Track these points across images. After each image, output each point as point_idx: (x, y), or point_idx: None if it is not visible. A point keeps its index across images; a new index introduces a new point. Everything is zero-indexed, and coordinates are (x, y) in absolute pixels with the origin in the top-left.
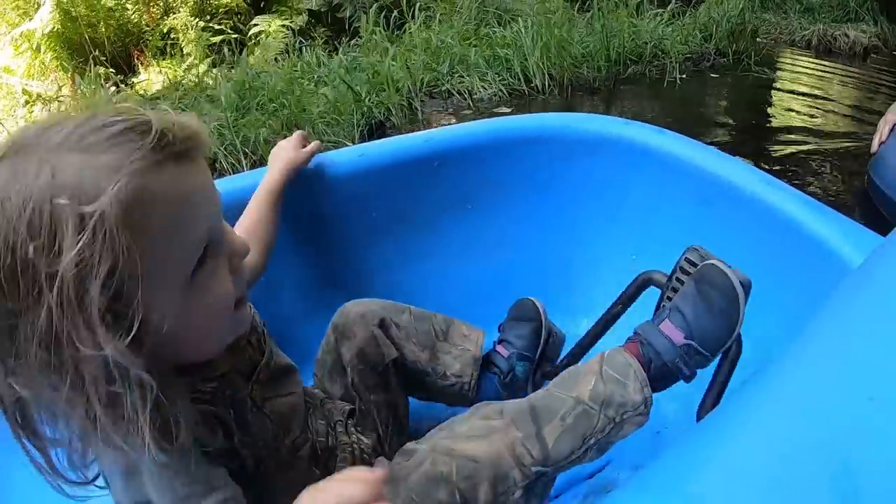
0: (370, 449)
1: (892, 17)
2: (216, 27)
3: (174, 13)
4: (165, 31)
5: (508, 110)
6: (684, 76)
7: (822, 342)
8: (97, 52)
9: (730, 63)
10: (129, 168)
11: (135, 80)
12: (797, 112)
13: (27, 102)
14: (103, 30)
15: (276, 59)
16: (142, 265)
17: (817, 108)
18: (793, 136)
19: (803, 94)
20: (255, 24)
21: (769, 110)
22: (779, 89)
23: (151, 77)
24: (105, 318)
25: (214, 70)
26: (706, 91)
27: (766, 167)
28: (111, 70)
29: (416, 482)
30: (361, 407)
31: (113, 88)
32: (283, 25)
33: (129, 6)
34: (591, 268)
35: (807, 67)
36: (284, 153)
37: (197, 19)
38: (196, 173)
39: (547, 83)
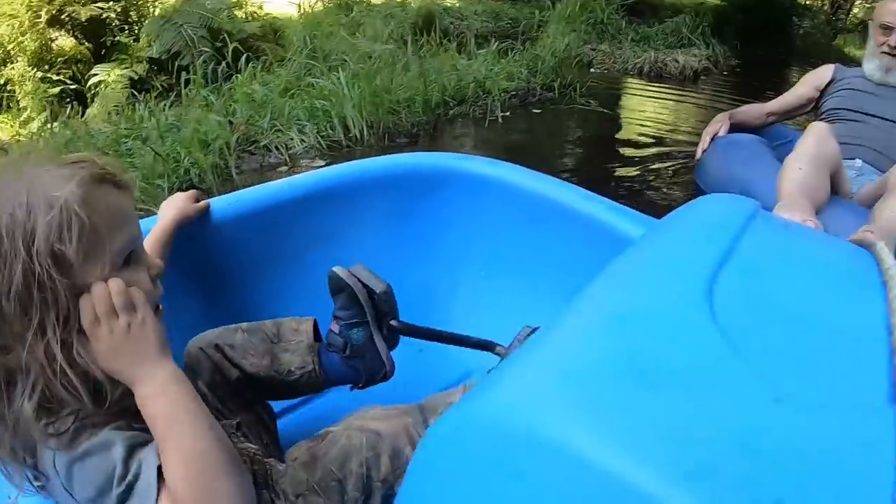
0: (260, 454)
1: (723, 38)
2: (55, 77)
3: (11, 63)
4: (2, 82)
5: (323, 163)
6: (507, 113)
7: (588, 300)
8: None
9: (556, 97)
10: (81, 174)
11: None
12: (626, 135)
13: None
14: None
15: (114, 111)
16: (92, 238)
17: (648, 128)
18: (629, 155)
19: (631, 118)
20: (95, 74)
21: (595, 137)
22: (607, 117)
23: None
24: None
25: (51, 125)
26: (529, 126)
27: (607, 187)
28: None
29: (334, 455)
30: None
31: None
32: (122, 75)
33: None
34: (450, 287)
35: (636, 93)
36: (177, 203)
37: (35, 69)
38: (127, 199)
39: (365, 132)
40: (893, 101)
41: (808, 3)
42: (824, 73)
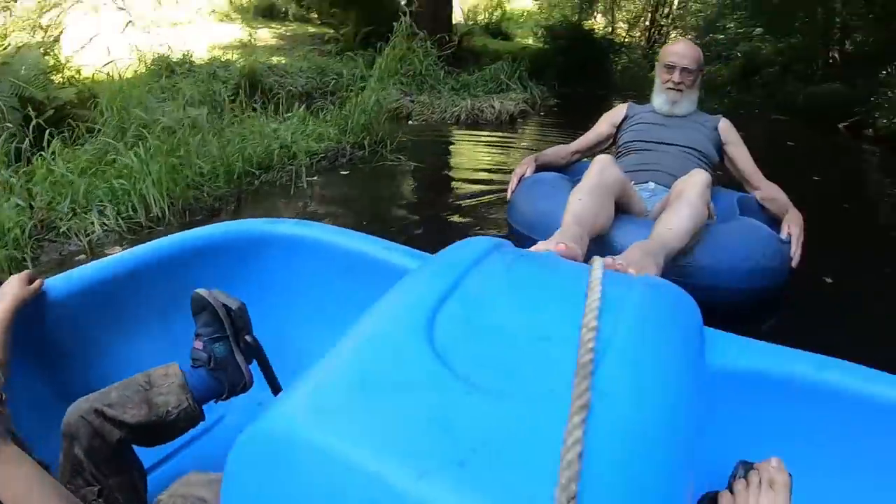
0: None
1: (544, 79)
2: None
3: None
4: None
5: (121, 248)
6: (315, 178)
7: (353, 329)
8: None
9: (366, 155)
10: None
11: None
12: (439, 183)
13: None
14: None
15: None
16: None
17: (463, 174)
18: (441, 202)
19: (448, 166)
20: None
21: (408, 190)
22: (421, 169)
23: None
24: None
25: None
26: (337, 189)
27: (420, 235)
28: None
29: None
30: (105, 491)
31: None
32: None
33: None
34: (279, 343)
35: (454, 141)
36: (12, 290)
37: None
38: None
39: (167, 211)
40: (679, 129)
41: (626, 40)
42: (619, 111)
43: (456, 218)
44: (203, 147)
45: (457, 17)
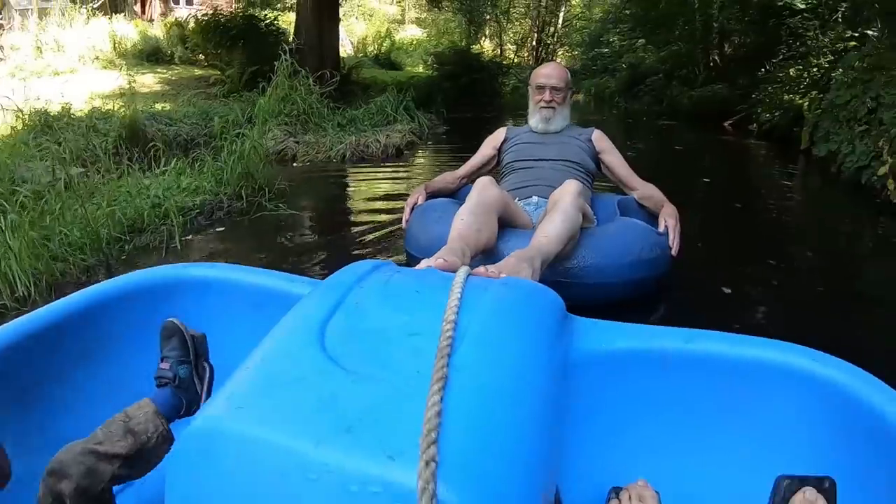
0: None
1: (434, 107)
2: None
3: None
4: None
5: None
6: (190, 236)
7: (261, 343)
8: None
9: (245, 206)
10: None
11: None
12: (328, 225)
13: None
14: None
15: None
16: None
17: (352, 211)
18: (333, 242)
19: (334, 206)
20: None
21: (295, 237)
22: (303, 215)
23: None
24: None
25: None
26: (212, 247)
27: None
28: None
29: None
30: None
31: None
32: None
33: None
34: (220, 364)
35: (339, 180)
36: None
37: None
38: None
39: (32, 289)
40: (555, 145)
41: (515, 60)
42: (499, 134)
43: (356, 251)
44: (71, 212)
45: (347, 50)
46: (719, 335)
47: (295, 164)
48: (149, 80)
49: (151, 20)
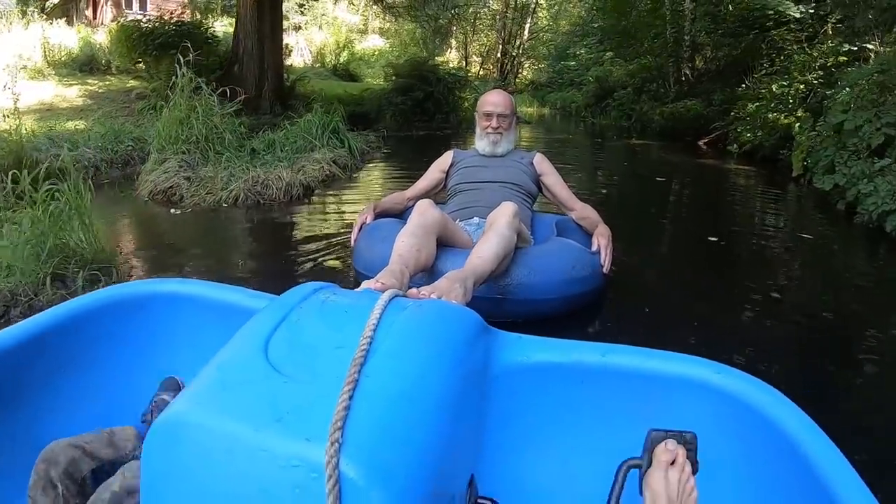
0: None
1: (384, 122)
2: None
3: None
4: None
5: None
6: None
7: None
8: None
9: (58, 299)
10: None
11: None
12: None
13: None
14: None
15: None
16: None
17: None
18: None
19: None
20: None
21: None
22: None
23: None
24: None
25: None
26: None
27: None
28: None
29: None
30: None
31: None
32: None
33: None
34: (188, 371)
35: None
36: None
37: None
38: None
39: None
40: (499, 168)
41: (481, 72)
42: (446, 158)
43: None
44: None
45: (306, 60)
46: (633, 349)
47: (174, 211)
48: (72, 94)
49: (102, 25)
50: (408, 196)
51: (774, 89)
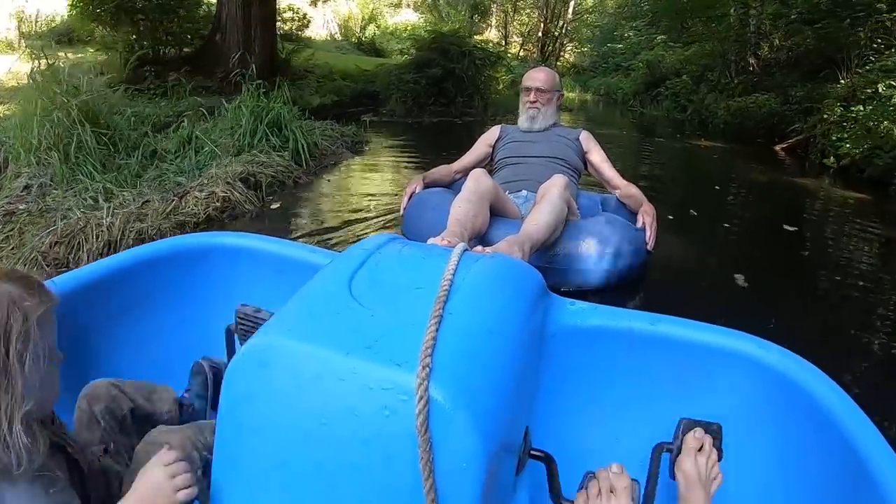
0: (120, 468)
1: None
2: None
3: None
4: None
5: None
6: None
7: (300, 291)
8: None
9: None
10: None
11: None
12: None
13: None
14: None
15: None
16: (39, 342)
17: None
18: None
19: None
20: None
21: None
22: None
23: None
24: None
25: None
26: None
27: None
28: None
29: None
30: (111, 447)
31: None
32: None
33: None
34: (217, 339)
35: None
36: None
37: None
38: (52, 314)
39: None
40: (543, 143)
41: (521, 53)
42: (493, 132)
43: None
44: None
45: (333, 33)
46: (681, 320)
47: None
48: (27, 70)
49: None
50: (454, 169)
51: (881, 89)
